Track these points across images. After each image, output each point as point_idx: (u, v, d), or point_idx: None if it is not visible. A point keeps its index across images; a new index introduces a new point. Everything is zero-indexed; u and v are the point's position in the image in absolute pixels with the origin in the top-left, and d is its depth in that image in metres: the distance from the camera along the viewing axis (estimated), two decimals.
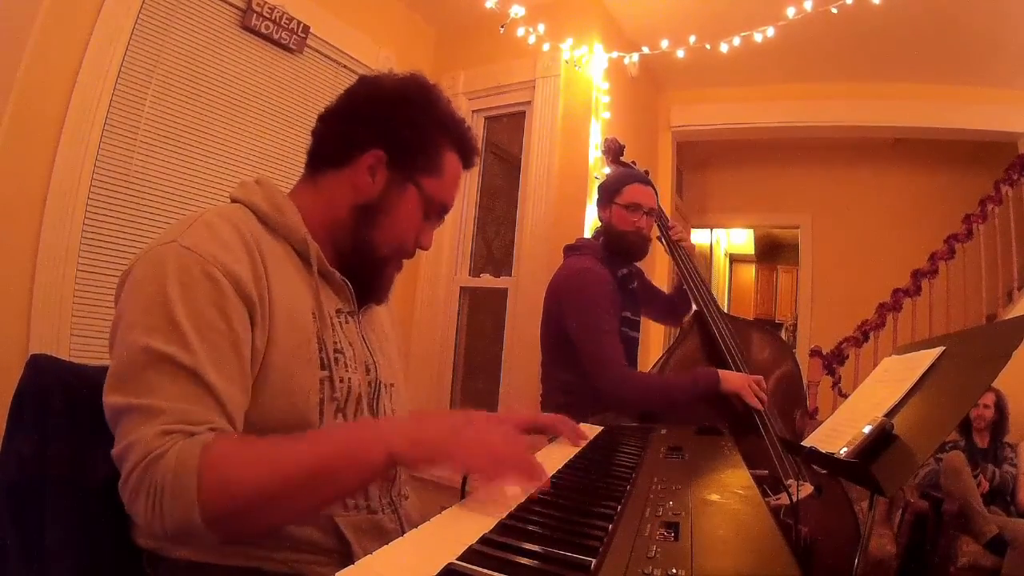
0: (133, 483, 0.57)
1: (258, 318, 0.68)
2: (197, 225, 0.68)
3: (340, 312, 0.80)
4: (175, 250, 0.65)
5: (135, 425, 0.58)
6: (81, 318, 1.79)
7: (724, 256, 6.84)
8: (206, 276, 0.64)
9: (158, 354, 0.60)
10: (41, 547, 0.67)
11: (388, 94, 0.81)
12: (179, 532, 0.56)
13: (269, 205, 0.77)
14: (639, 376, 1.71)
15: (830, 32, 2.70)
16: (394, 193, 0.80)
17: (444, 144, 0.83)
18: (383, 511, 0.77)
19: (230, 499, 0.56)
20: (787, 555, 0.40)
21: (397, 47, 2.88)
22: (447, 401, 2.91)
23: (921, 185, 4.24)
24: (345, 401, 0.76)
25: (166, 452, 0.56)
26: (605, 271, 1.75)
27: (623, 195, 1.82)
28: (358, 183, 0.79)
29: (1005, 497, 2.57)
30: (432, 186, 0.82)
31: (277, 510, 0.59)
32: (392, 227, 0.81)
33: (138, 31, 1.92)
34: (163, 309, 0.62)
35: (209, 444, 0.57)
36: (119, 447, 0.59)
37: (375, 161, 0.79)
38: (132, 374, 0.60)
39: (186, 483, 0.55)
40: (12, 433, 0.70)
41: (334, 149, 0.81)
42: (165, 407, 0.59)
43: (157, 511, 0.55)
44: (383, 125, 0.79)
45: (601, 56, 2.73)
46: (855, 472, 0.91)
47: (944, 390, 0.91)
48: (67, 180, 1.74)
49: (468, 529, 0.47)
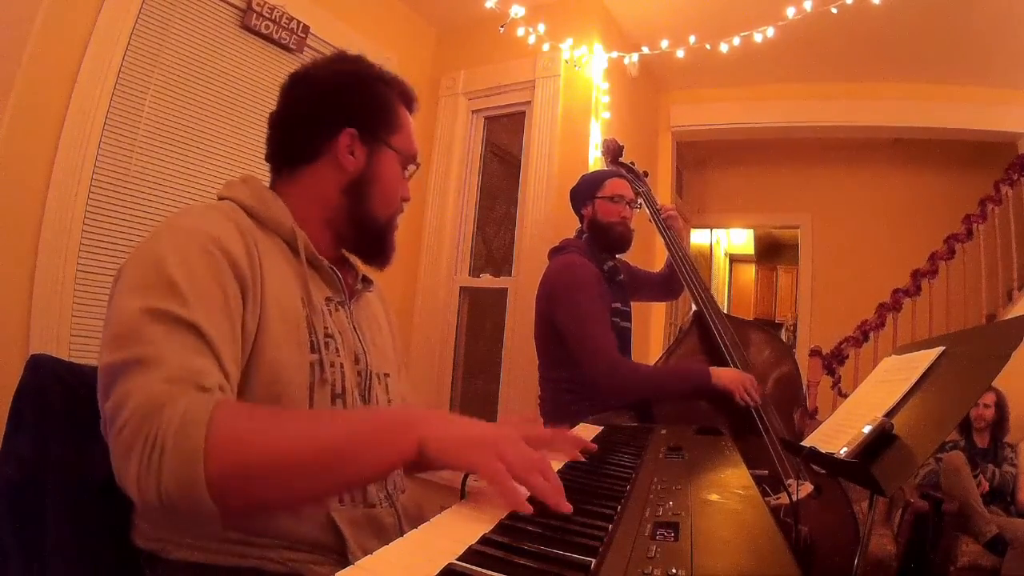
0: (128, 434, 0.51)
1: (250, 298, 0.67)
2: (190, 213, 0.71)
3: (330, 301, 0.81)
4: (170, 231, 0.66)
5: (133, 377, 0.54)
6: (81, 318, 1.79)
7: (724, 256, 6.84)
8: (203, 250, 0.64)
9: (155, 310, 0.58)
10: (41, 547, 0.67)
11: (330, 76, 0.85)
12: (175, 492, 0.50)
13: (255, 199, 0.78)
14: (631, 364, 1.71)
15: (830, 32, 2.70)
16: (375, 161, 0.84)
17: (393, 100, 0.87)
18: (380, 505, 0.77)
19: (242, 458, 0.52)
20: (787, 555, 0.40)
21: (397, 47, 2.88)
22: (447, 401, 2.91)
23: (921, 185, 4.24)
24: (342, 389, 0.76)
25: (172, 400, 0.52)
26: (591, 264, 1.77)
27: (605, 188, 1.86)
28: (342, 164, 0.82)
29: (1005, 497, 2.58)
30: (400, 141, 0.87)
31: (291, 482, 0.54)
32: (383, 193, 0.86)
33: (138, 31, 1.92)
34: (159, 277, 0.61)
35: (221, 402, 0.54)
36: (113, 400, 0.54)
37: (350, 140, 0.82)
38: (128, 332, 0.57)
39: (192, 433, 0.50)
40: (12, 433, 0.70)
41: (305, 146, 0.83)
42: (166, 356, 0.55)
43: (154, 464, 0.50)
44: (343, 106, 0.83)
45: (601, 56, 2.74)
46: (855, 472, 0.91)
47: (944, 390, 0.91)
48: (67, 180, 1.74)
49: (468, 529, 0.47)
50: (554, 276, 1.80)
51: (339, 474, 0.56)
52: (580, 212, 1.92)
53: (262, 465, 0.53)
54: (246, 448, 0.52)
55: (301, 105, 0.84)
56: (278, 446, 0.54)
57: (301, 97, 0.85)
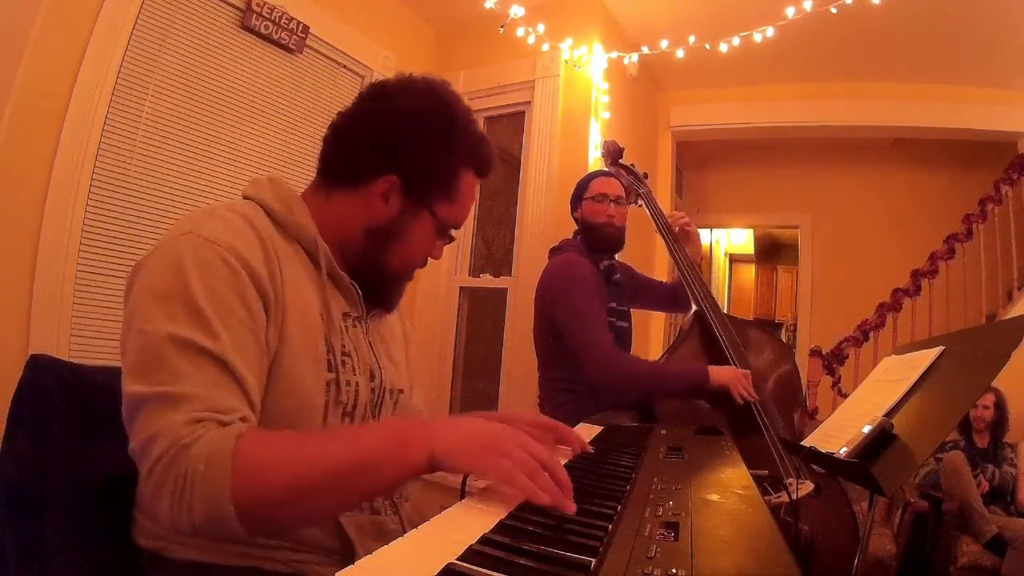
0: (159, 474, 0.54)
1: (272, 312, 0.67)
2: (213, 217, 0.68)
3: (347, 316, 0.79)
4: (192, 240, 0.64)
5: (160, 414, 0.55)
6: (81, 318, 1.79)
7: (724, 256, 6.84)
8: (225, 264, 0.63)
9: (182, 340, 0.58)
10: (41, 547, 0.67)
11: (402, 115, 0.77)
12: (206, 525, 0.53)
13: (280, 203, 0.75)
14: (628, 360, 1.71)
15: (830, 32, 2.70)
16: (407, 218, 0.79)
17: (459, 165, 0.81)
18: (385, 512, 0.78)
19: (266, 489, 0.54)
20: (787, 555, 0.40)
21: (397, 47, 2.88)
22: (447, 401, 2.91)
23: (921, 185, 4.24)
24: (353, 406, 0.75)
25: (197, 440, 0.54)
26: (588, 263, 1.78)
27: (589, 189, 1.88)
28: (371, 207, 0.78)
29: (1005, 497, 2.57)
30: (445, 210, 0.81)
31: (314, 503, 0.57)
32: (404, 251, 0.81)
33: (138, 31, 1.92)
34: (183, 296, 0.60)
35: (243, 434, 0.55)
36: (141, 438, 0.56)
37: (388, 187, 0.77)
38: (154, 361, 0.58)
39: (219, 471, 0.53)
40: (12, 433, 0.70)
41: (348, 169, 0.79)
42: (192, 393, 0.56)
43: (185, 503, 0.53)
44: (397, 151, 0.77)
45: (601, 56, 2.73)
46: (855, 472, 0.91)
47: (944, 390, 0.91)
48: (67, 180, 1.74)
49: (468, 529, 0.47)
50: (552, 274, 1.81)
51: (356, 491, 0.59)
52: (573, 215, 1.95)
53: (284, 493, 0.55)
54: (271, 478, 0.55)
55: (360, 127, 0.79)
56: (298, 472, 0.56)
57: (366, 117, 0.79)
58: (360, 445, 0.59)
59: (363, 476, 0.58)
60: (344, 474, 0.57)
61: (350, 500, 0.62)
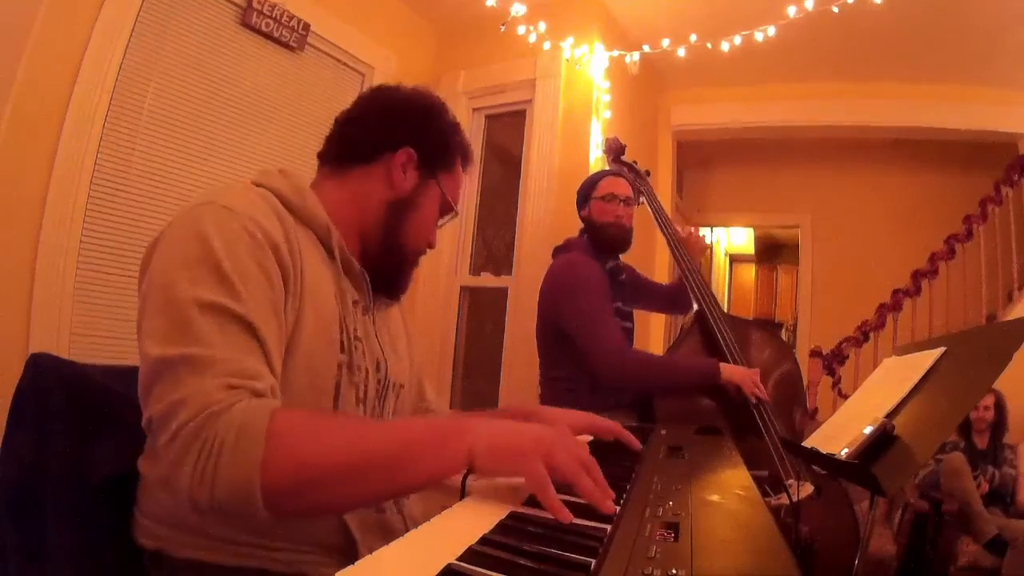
0: (184, 439, 0.51)
1: (290, 287, 0.67)
2: (231, 191, 0.69)
3: (356, 304, 0.80)
4: (213, 209, 0.64)
5: (187, 378, 0.54)
6: (81, 317, 1.79)
7: (724, 256, 6.84)
8: (247, 231, 0.64)
9: (208, 303, 0.57)
10: (41, 547, 0.67)
11: (413, 100, 0.86)
12: (229, 501, 0.51)
13: (292, 191, 0.76)
14: (639, 354, 1.71)
15: (831, 32, 2.70)
16: (421, 190, 0.85)
17: (456, 148, 0.88)
18: (389, 510, 0.78)
19: (297, 470, 0.52)
20: (787, 555, 0.40)
21: (397, 46, 2.88)
22: (447, 401, 2.91)
23: (921, 185, 4.24)
24: (364, 392, 0.76)
25: (229, 408, 0.52)
26: (594, 263, 1.77)
27: (598, 189, 1.87)
28: (392, 179, 0.82)
29: (1005, 498, 2.57)
30: (448, 183, 0.87)
31: (345, 489, 0.55)
32: (420, 223, 0.86)
33: (138, 29, 1.92)
34: (209, 260, 0.60)
35: (279, 409, 0.54)
36: (166, 401, 0.53)
37: (407, 159, 0.82)
38: (179, 325, 0.56)
39: (252, 444, 0.51)
40: (12, 433, 0.70)
41: (363, 147, 0.83)
42: (220, 357, 0.55)
43: (208, 473, 0.50)
44: (415, 126, 0.84)
45: (602, 55, 2.73)
46: (856, 472, 0.91)
47: (945, 391, 0.91)
48: (67, 180, 1.74)
49: (468, 529, 0.46)
50: (558, 274, 1.80)
51: (390, 483, 0.57)
52: (580, 213, 1.93)
53: (317, 476, 0.54)
54: (303, 460, 0.53)
55: (374, 109, 0.86)
56: (333, 459, 0.54)
57: (377, 103, 0.86)
58: (400, 435, 0.58)
59: (400, 467, 0.56)
60: (382, 462, 0.56)
61: (383, 491, 0.60)
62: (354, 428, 0.60)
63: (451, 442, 0.57)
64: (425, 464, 0.57)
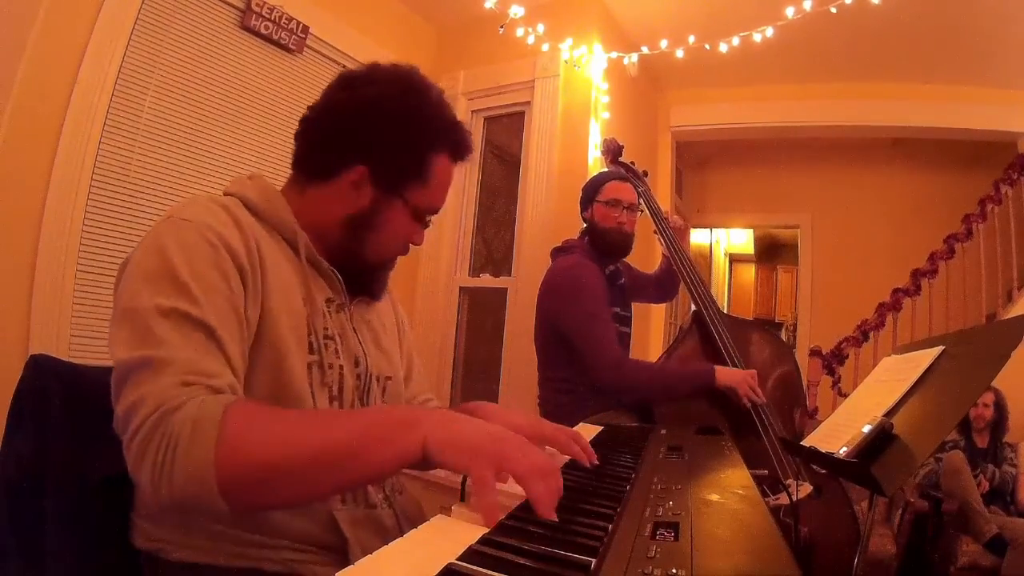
0: (142, 437, 0.53)
1: (250, 288, 0.68)
2: (192, 203, 0.71)
3: (330, 302, 0.80)
4: (172, 223, 0.67)
5: (145, 378, 0.55)
6: (81, 318, 1.79)
7: (724, 256, 6.84)
8: (203, 240, 0.65)
9: (166, 309, 0.59)
10: (41, 547, 0.67)
11: (369, 103, 0.78)
12: (187, 495, 0.52)
13: (259, 196, 0.77)
14: (635, 363, 1.71)
15: (830, 32, 2.70)
16: (381, 207, 0.79)
17: (431, 149, 0.81)
18: (380, 506, 0.77)
19: (251, 460, 0.53)
20: (787, 555, 0.40)
21: (397, 47, 2.88)
22: (447, 401, 2.91)
23: (921, 185, 4.24)
24: (339, 390, 0.76)
25: (183, 404, 0.54)
26: (594, 265, 1.77)
27: (603, 192, 1.85)
28: (344, 199, 0.79)
29: (1005, 497, 2.58)
30: (418, 196, 0.81)
31: (299, 481, 0.55)
32: (380, 241, 0.82)
33: (138, 31, 1.92)
34: (167, 272, 0.62)
35: (234, 403, 0.55)
36: (127, 402, 0.55)
37: (358, 178, 0.78)
38: (140, 331, 0.58)
39: (205, 436, 0.52)
40: (12, 433, 0.70)
41: (317, 162, 0.80)
42: (177, 357, 0.57)
43: (167, 469, 0.51)
44: (364, 141, 0.77)
45: (600, 56, 2.73)
46: (855, 472, 0.91)
47: (944, 390, 0.91)
48: (67, 180, 1.74)
49: (468, 529, 0.47)
50: (558, 276, 1.79)
51: (345, 474, 0.57)
52: (582, 214, 1.93)
53: (271, 468, 0.54)
54: (256, 451, 0.54)
55: (326, 119, 0.80)
56: (286, 449, 0.54)
57: (332, 109, 0.80)
58: (350, 427, 0.58)
59: (354, 458, 0.56)
60: (335, 456, 0.55)
61: (339, 483, 0.60)
62: (308, 419, 0.60)
63: (405, 432, 0.57)
64: (379, 455, 0.57)
